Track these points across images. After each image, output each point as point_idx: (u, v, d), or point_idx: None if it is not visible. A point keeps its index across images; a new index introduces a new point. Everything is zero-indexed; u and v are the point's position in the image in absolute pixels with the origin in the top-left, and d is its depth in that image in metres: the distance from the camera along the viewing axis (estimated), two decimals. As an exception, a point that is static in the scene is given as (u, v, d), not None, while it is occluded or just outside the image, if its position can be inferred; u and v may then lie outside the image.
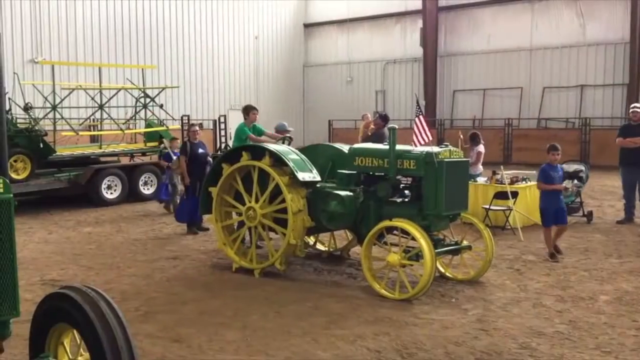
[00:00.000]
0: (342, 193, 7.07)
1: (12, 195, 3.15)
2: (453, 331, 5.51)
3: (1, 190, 3.10)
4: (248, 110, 10.12)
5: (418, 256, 6.46)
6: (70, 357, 3.59)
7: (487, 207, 9.94)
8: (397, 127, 7.04)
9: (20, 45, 19.86)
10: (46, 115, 13.75)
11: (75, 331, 3.46)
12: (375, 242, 6.84)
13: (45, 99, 14.17)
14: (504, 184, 10.17)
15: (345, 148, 7.90)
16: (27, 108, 13.09)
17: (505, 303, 6.34)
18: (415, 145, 6.96)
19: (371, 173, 7.28)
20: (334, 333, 5.45)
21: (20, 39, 19.91)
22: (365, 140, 12.18)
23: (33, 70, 19.78)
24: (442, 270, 7.31)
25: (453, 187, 6.65)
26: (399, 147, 6.96)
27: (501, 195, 9.91)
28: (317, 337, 5.34)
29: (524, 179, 10.83)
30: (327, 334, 5.42)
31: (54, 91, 13.83)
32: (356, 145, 7.83)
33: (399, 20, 28.33)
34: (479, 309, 6.16)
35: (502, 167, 10.82)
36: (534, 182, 10.84)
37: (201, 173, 10.39)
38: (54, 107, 13.50)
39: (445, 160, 6.61)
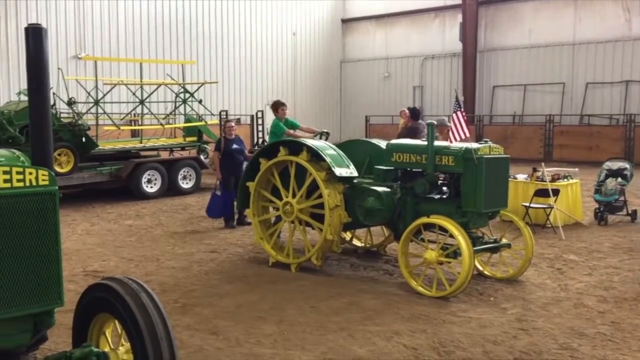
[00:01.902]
0: (379, 189, 7.03)
1: (57, 187, 3.23)
2: (491, 330, 5.43)
3: (47, 183, 3.18)
4: (277, 107, 10.06)
5: (456, 253, 6.39)
6: (112, 346, 3.66)
7: (527, 204, 9.77)
8: (435, 122, 6.97)
9: (64, 41, 20.34)
10: (89, 110, 14.05)
11: (116, 321, 3.53)
12: (413, 239, 6.79)
13: (88, 94, 14.49)
14: (545, 181, 9.97)
15: (382, 144, 7.85)
16: (70, 103, 13.38)
17: (545, 303, 6.22)
18: (451, 141, 6.88)
19: (409, 169, 7.22)
20: (370, 329, 5.44)
21: (64, 36, 20.38)
22: (398, 136, 12.10)
23: (76, 66, 20.24)
24: (480, 268, 7.22)
25: (493, 184, 6.55)
26: (437, 143, 6.89)
27: (542, 193, 9.72)
28: (353, 333, 5.34)
29: (565, 177, 10.60)
30: (363, 330, 5.41)
31: (96, 86, 14.14)
32: (394, 141, 7.77)
33: (437, 15, 28.02)
34: (518, 308, 6.06)
35: (542, 164, 10.61)
36: (575, 180, 10.64)
37: (236, 169, 10.49)
38: (96, 102, 13.79)
39: (485, 156, 6.51)
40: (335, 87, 31.17)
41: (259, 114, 22.47)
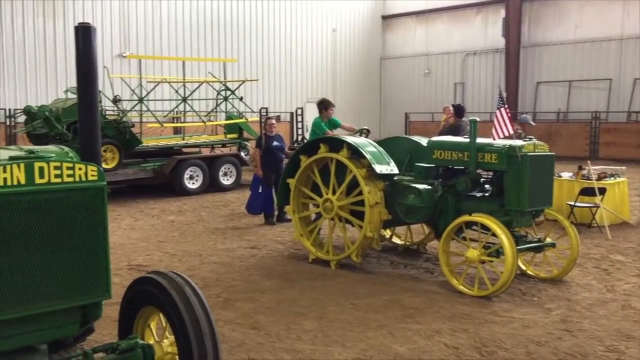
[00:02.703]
0: (420, 186, 6.98)
1: (105, 182, 3.31)
2: (535, 330, 5.33)
3: (96, 178, 3.25)
4: (327, 106, 9.98)
5: (498, 252, 6.29)
6: (156, 339, 3.74)
7: (573, 203, 9.55)
8: (477, 119, 6.88)
9: (109, 40, 20.79)
10: (133, 107, 14.33)
11: (161, 314, 3.60)
12: (454, 237, 6.71)
13: (133, 91, 14.78)
14: (591, 179, 9.73)
15: (423, 141, 7.79)
16: (115, 100, 13.68)
17: (590, 304, 6.08)
18: (494, 138, 6.77)
19: (450, 166, 7.15)
20: (411, 327, 5.40)
21: (109, 35, 20.83)
22: (440, 133, 12.00)
23: (121, 64, 20.65)
24: (524, 267, 7.09)
25: (537, 182, 6.43)
26: (479, 140, 6.79)
27: (588, 192, 9.48)
28: (393, 331, 5.32)
29: (612, 175, 10.31)
30: (403, 328, 5.38)
31: (140, 84, 14.41)
32: (435, 138, 7.70)
33: (480, 10, 27.61)
34: (563, 308, 5.94)
35: (588, 162, 10.36)
36: (622, 179, 10.34)
37: (276, 166, 10.56)
38: (140, 100, 14.05)
39: (529, 154, 6.39)
40: (375, 84, 31.03)
41: (299, 111, 22.59)
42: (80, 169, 3.19)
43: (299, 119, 22.37)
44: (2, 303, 2.97)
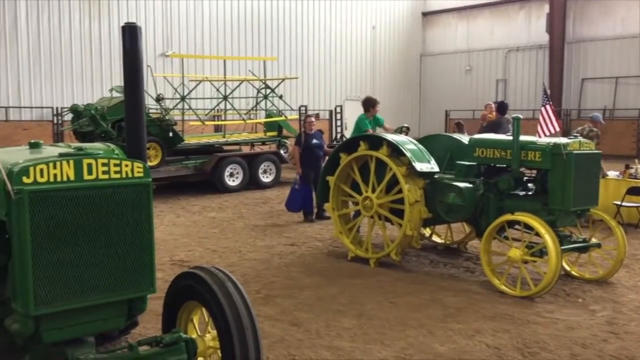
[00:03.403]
0: (461, 185, 6.90)
1: (151, 179, 3.37)
2: (579, 332, 5.22)
3: (141, 175, 3.32)
4: (374, 104, 9.95)
5: (542, 252, 6.17)
6: (199, 333, 3.80)
7: (619, 203, 9.30)
8: (521, 116, 6.76)
9: (152, 40, 21.16)
10: (175, 105, 14.57)
11: (203, 309, 3.65)
12: (496, 236, 6.62)
13: (175, 90, 15.02)
14: (639, 178, 9.45)
15: (464, 139, 7.70)
16: (158, 99, 13.92)
17: (637, 306, 5.92)
18: (539, 136, 6.65)
19: (492, 164, 7.05)
20: (451, 327, 5.35)
21: (152, 34, 21.21)
22: (480, 130, 11.83)
23: (164, 63, 21.01)
24: (568, 268, 6.95)
25: (582, 181, 6.28)
26: (523, 137, 6.67)
27: (635, 191, 9.22)
28: (434, 330, 5.28)
29: (661, 174, 10.01)
30: (443, 327, 5.34)
31: (182, 83, 14.64)
32: (477, 136, 7.61)
33: (522, 6, 27.10)
34: (608, 310, 5.80)
35: (636, 160, 10.06)
36: (673, 178, 10.01)
37: (315, 163, 10.58)
38: (182, 98, 14.28)
39: (575, 152, 6.26)
40: (415, 82, 30.78)
41: (338, 109, 22.57)
42: (126, 165, 3.26)
43: (338, 116, 22.36)
44: (53, 295, 3.06)
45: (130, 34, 3.66)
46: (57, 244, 3.07)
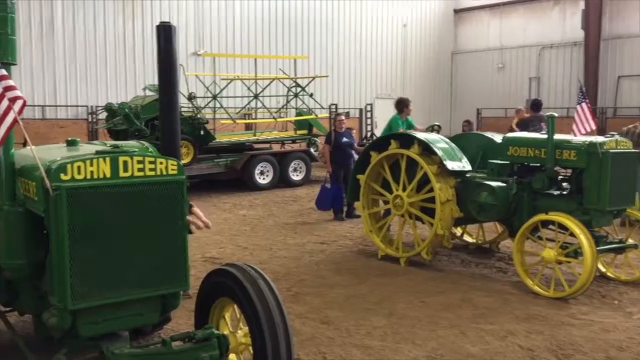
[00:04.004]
0: (494, 184, 6.82)
1: (184, 176, 3.42)
2: (615, 335, 5.12)
3: (175, 172, 3.37)
4: (407, 104, 9.95)
5: (577, 253, 6.06)
6: (231, 329, 3.83)
7: (657, 203, 9.07)
8: (556, 114, 6.65)
9: (184, 39, 21.37)
10: (207, 104, 14.70)
11: (235, 306, 3.69)
12: (529, 236, 6.53)
13: (207, 89, 15.16)
14: (678, 178, 9.20)
15: (496, 137, 7.60)
16: (190, 97, 14.07)
17: (677, 309, 5.77)
18: (575, 134, 6.53)
19: (526, 163, 6.95)
20: (483, 327, 5.30)
21: (184, 33, 21.42)
22: (510, 130, 11.68)
23: (196, 62, 21.20)
24: (603, 269, 6.81)
25: (619, 180, 6.15)
26: (557, 136, 6.56)
27: (674, 191, 8.99)
28: (465, 330, 5.23)
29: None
30: (475, 328, 5.28)
31: (214, 81, 14.77)
32: (510, 135, 7.51)
33: (557, 2, 26.59)
34: (646, 313, 5.67)
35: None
36: None
37: (345, 162, 10.57)
38: (214, 97, 14.40)
39: (611, 151, 6.13)
40: (446, 80, 30.48)
41: (368, 107, 22.50)
42: (161, 163, 3.31)
43: (369, 115, 22.28)
44: (89, 290, 3.13)
45: (165, 34, 3.72)
46: (94, 239, 3.13)
